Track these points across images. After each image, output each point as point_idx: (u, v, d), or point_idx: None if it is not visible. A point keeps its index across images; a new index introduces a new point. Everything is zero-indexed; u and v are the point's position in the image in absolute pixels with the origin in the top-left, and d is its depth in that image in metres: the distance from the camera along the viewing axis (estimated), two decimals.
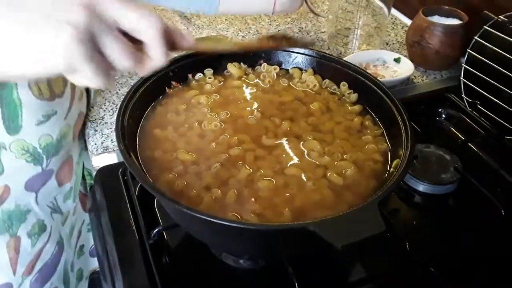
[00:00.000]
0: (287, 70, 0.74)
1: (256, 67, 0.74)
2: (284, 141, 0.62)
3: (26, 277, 0.77)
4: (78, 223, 0.91)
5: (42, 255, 0.79)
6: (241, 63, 0.74)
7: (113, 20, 0.41)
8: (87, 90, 0.84)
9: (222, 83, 0.71)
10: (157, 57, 0.45)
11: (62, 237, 0.84)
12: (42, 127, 0.70)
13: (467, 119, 0.87)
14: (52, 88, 0.69)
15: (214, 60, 0.72)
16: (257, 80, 0.72)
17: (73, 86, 0.75)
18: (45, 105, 0.69)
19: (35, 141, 0.71)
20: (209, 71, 0.72)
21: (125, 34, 0.42)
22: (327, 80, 0.71)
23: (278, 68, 0.74)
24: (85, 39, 0.39)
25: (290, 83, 0.71)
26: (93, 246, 0.94)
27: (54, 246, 0.81)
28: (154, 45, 0.44)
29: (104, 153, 0.81)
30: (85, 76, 0.41)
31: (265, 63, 0.74)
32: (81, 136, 0.86)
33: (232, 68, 0.72)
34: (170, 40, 0.46)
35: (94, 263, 0.97)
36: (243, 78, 0.72)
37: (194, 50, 0.52)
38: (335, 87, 0.71)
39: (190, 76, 0.71)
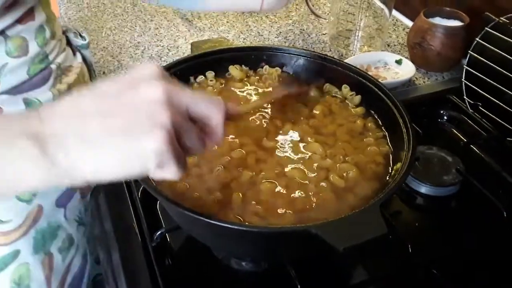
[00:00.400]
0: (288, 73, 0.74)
1: (258, 69, 0.74)
2: (286, 144, 0.62)
3: None
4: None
5: (71, 268, 0.80)
6: (243, 65, 0.74)
7: (186, 109, 0.41)
8: None
9: (223, 85, 0.72)
10: (219, 137, 0.45)
11: (87, 249, 0.85)
12: None
13: (469, 120, 0.87)
14: None
15: (216, 63, 0.73)
16: (259, 82, 0.72)
17: None
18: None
19: None
20: (210, 74, 0.72)
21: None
22: (327, 85, 0.71)
23: (280, 70, 0.74)
24: (173, 138, 0.39)
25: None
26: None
27: (81, 258, 0.82)
28: (219, 128, 0.44)
29: None
30: (169, 172, 0.40)
31: (267, 65, 0.74)
32: None
33: (234, 70, 0.73)
34: None
35: None
36: (245, 80, 0.72)
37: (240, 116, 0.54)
38: (336, 90, 0.71)
39: (192, 78, 0.71)
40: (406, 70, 0.98)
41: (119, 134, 0.38)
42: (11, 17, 0.60)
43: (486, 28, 0.85)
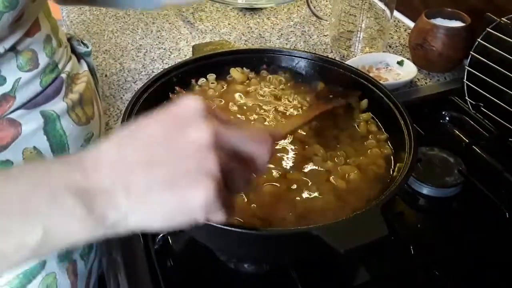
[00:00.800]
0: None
1: (262, 71, 0.74)
2: (288, 146, 0.62)
3: None
4: None
5: (92, 273, 0.80)
6: (244, 68, 0.74)
7: (233, 149, 0.40)
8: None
9: (225, 88, 0.72)
10: (264, 172, 0.44)
11: (102, 251, 0.85)
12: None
13: (470, 121, 0.87)
14: (86, 112, 0.71)
15: (217, 65, 0.73)
16: (260, 84, 0.72)
17: (98, 105, 0.77)
18: (84, 130, 0.70)
19: None
20: (212, 76, 0.72)
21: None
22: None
23: (289, 75, 0.74)
24: (221, 184, 0.38)
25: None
26: None
27: (99, 262, 0.82)
28: (266, 165, 0.43)
29: None
30: (216, 217, 0.39)
31: (269, 73, 0.74)
32: None
33: (235, 73, 0.73)
34: None
35: None
36: (246, 83, 0.72)
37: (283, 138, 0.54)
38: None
39: (193, 81, 0.72)
40: (407, 71, 0.98)
41: (167, 188, 0.37)
42: (20, 31, 0.59)
43: (487, 29, 0.85)
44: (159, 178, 0.37)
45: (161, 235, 0.64)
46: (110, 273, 0.67)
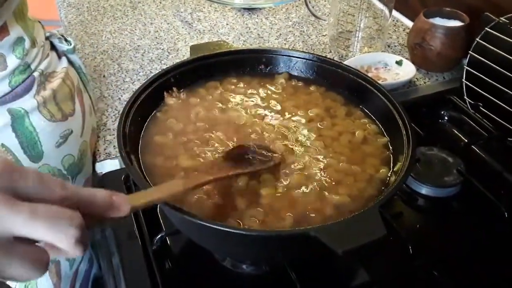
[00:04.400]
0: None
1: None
2: (286, 147, 0.62)
3: None
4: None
5: (78, 274, 0.80)
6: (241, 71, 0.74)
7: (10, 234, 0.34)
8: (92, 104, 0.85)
9: (223, 90, 0.71)
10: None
11: (92, 253, 0.86)
12: (62, 148, 0.71)
13: (469, 121, 0.87)
14: (61, 108, 0.70)
15: (216, 67, 0.72)
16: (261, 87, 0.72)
17: (82, 102, 0.76)
18: (60, 126, 0.70)
19: (59, 164, 0.72)
20: (210, 78, 0.72)
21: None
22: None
23: (287, 75, 0.73)
24: None
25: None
26: None
27: (87, 263, 0.83)
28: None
29: (106, 159, 0.81)
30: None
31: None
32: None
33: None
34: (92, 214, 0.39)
35: None
36: (245, 85, 0.72)
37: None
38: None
39: (191, 82, 0.71)
40: (406, 71, 0.98)
41: None
42: None
43: (486, 28, 0.85)
44: None
45: (159, 235, 0.64)
46: (109, 275, 0.67)
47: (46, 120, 0.67)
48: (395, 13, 1.19)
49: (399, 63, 1.00)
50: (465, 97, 0.89)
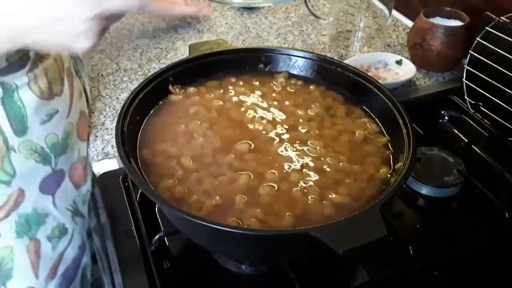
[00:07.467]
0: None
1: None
2: (286, 147, 0.61)
3: (50, 281, 0.79)
4: None
5: (64, 258, 0.80)
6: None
7: None
8: (85, 90, 0.85)
9: (223, 89, 0.71)
10: None
11: (84, 240, 0.86)
12: (46, 126, 0.72)
13: (470, 121, 0.87)
14: (51, 87, 0.71)
15: (215, 66, 0.72)
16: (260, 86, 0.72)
17: (71, 85, 0.76)
18: (46, 104, 0.71)
19: (41, 141, 0.72)
20: (209, 77, 0.72)
21: None
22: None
23: (287, 74, 0.73)
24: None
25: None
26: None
27: (76, 249, 0.83)
28: None
29: (105, 159, 0.81)
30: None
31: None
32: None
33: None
34: None
35: None
36: (245, 84, 0.72)
37: None
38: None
39: (190, 81, 0.71)
40: (406, 70, 0.98)
41: None
42: None
43: (486, 28, 0.85)
44: None
45: (157, 236, 0.63)
46: (107, 275, 0.66)
47: (35, 97, 0.68)
48: (395, 12, 1.19)
49: (399, 62, 0.99)
50: (466, 97, 0.89)
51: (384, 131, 0.65)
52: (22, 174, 0.70)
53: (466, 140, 0.85)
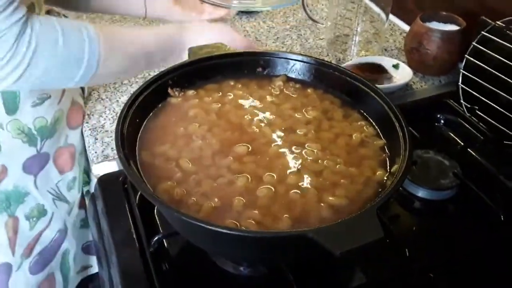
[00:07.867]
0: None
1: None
2: (284, 149, 0.62)
3: (25, 259, 0.81)
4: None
5: (41, 239, 0.83)
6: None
7: None
8: None
9: (221, 92, 0.72)
10: None
11: (67, 226, 0.87)
12: (37, 109, 0.75)
13: (466, 124, 0.87)
14: None
15: (214, 70, 0.73)
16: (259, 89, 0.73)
17: None
18: (40, 89, 0.73)
19: (30, 123, 0.75)
20: (208, 80, 0.72)
21: None
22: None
23: (285, 77, 0.74)
24: None
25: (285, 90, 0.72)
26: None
27: (55, 232, 0.85)
28: None
29: (104, 161, 0.81)
30: None
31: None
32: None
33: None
34: None
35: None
36: (243, 88, 0.72)
37: None
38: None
39: (189, 85, 0.71)
40: (403, 74, 0.98)
41: None
42: None
43: (482, 32, 0.85)
44: None
45: (156, 237, 0.64)
46: (106, 276, 0.67)
47: None
48: (392, 17, 1.20)
49: (395, 66, 1.00)
50: (461, 100, 0.89)
51: (381, 134, 0.65)
52: (6, 152, 0.73)
53: (462, 143, 0.85)
